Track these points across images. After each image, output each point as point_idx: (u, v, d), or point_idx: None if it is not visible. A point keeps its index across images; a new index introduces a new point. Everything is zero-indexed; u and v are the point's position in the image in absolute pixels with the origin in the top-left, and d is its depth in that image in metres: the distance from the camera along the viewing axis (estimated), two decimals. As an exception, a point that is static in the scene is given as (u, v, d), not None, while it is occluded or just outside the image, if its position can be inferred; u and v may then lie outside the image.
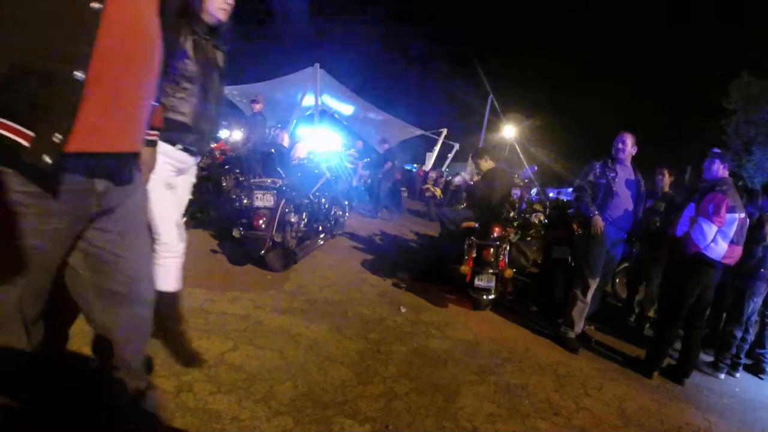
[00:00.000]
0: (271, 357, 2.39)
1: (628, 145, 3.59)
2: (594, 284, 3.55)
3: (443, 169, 18.50)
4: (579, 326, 3.61)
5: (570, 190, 5.45)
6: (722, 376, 3.68)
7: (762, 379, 3.76)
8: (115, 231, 1.18)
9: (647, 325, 4.35)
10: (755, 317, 3.86)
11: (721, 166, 3.29)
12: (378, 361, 2.63)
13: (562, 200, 8.62)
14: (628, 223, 3.59)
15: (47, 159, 0.91)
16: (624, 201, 3.55)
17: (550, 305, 4.22)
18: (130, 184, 1.20)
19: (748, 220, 3.34)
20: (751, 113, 18.69)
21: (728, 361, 3.73)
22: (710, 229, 3.09)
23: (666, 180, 4.56)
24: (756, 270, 3.57)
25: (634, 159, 3.70)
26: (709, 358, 3.89)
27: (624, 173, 3.60)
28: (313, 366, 2.40)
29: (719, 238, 3.13)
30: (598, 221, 3.44)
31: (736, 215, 3.17)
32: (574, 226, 4.77)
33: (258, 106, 6.57)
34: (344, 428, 1.95)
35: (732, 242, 3.17)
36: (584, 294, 3.54)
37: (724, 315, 4.04)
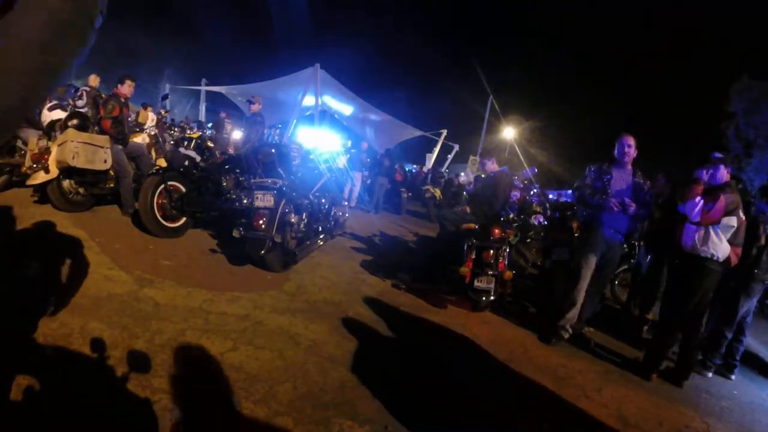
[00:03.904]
0: (270, 357, 2.39)
1: (632, 148, 3.59)
2: (584, 281, 3.57)
3: (443, 169, 18.53)
4: (570, 325, 3.63)
5: (570, 191, 5.47)
6: (710, 374, 3.69)
7: (731, 379, 3.76)
8: None
9: (645, 327, 4.36)
10: (750, 318, 3.86)
11: (725, 171, 3.32)
12: (377, 362, 2.63)
13: (562, 202, 8.63)
14: (624, 226, 3.59)
15: None
16: None
17: (550, 307, 4.23)
18: None
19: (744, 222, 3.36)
20: (751, 116, 18.71)
21: (717, 361, 3.74)
22: (717, 236, 3.14)
23: (665, 185, 4.56)
24: (750, 271, 3.58)
25: (637, 162, 3.70)
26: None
27: (620, 175, 3.59)
28: (313, 366, 2.40)
29: (725, 241, 3.17)
30: (612, 201, 3.45)
31: (736, 217, 3.20)
32: (574, 227, 4.79)
33: (255, 107, 6.54)
34: (343, 429, 1.95)
35: (734, 244, 3.21)
36: (578, 294, 3.57)
37: (708, 314, 4.03)
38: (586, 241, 3.62)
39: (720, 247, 3.17)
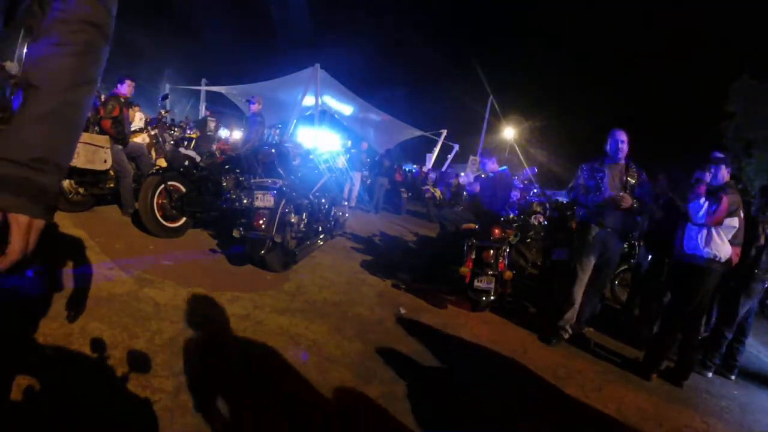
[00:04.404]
0: (271, 358, 2.39)
1: (626, 144, 3.54)
2: (581, 282, 3.56)
3: (444, 170, 18.53)
4: (570, 325, 3.62)
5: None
6: (710, 374, 3.68)
7: (731, 379, 3.76)
8: None
9: (646, 327, 4.36)
10: (752, 319, 3.86)
11: (726, 171, 3.32)
12: (377, 362, 2.63)
13: (562, 202, 8.63)
14: (620, 223, 3.55)
15: None
16: None
17: (550, 307, 4.23)
18: None
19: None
20: (751, 116, 18.69)
21: (717, 361, 3.74)
22: (719, 236, 3.14)
23: (665, 185, 4.55)
24: (750, 271, 3.58)
25: (636, 161, 3.67)
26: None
27: (614, 172, 3.55)
28: (313, 366, 2.40)
29: (727, 242, 3.18)
30: (605, 198, 3.45)
31: (738, 218, 3.20)
32: (573, 227, 4.79)
33: (255, 107, 6.53)
34: (343, 428, 1.95)
35: (734, 244, 3.22)
36: (575, 295, 3.56)
37: (714, 315, 4.03)
38: (581, 242, 3.60)
39: (722, 247, 3.18)
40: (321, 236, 4.87)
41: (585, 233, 3.57)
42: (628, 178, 3.52)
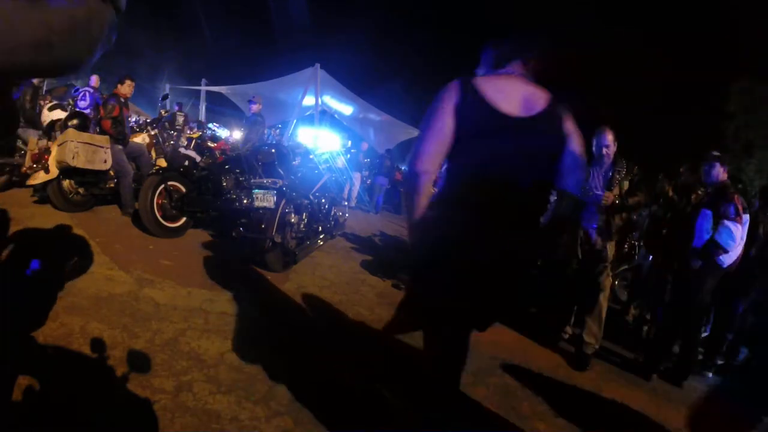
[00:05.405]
0: (271, 357, 2.39)
1: (611, 147, 3.43)
2: (575, 283, 3.55)
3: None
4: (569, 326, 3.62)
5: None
6: (710, 374, 3.69)
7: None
8: None
9: (646, 327, 4.36)
10: (751, 318, 3.86)
11: (721, 169, 3.30)
12: (377, 363, 2.63)
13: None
14: (603, 222, 3.48)
15: None
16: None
17: (550, 308, 4.22)
18: None
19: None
20: (751, 116, 18.70)
21: (717, 360, 3.74)
22: (737, 231, 3.12)
23: (666, 185, 4.54)
24: (750, 271, 3.58)
25: (634, 160, 3.64)
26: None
27: (598, 172, 3.50)
28: (313, 366, 2.40)
29: (739, 245, 3.18)
30: (587, 195, 3.34)
31: (747, 216, 3.21)
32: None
33: (256, 107, 6.54)
34: (343, 428, 1.95)
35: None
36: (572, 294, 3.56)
37: (712, 316, 4.04)
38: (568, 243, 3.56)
39: (738, 249, 3.17)
40: (321, 236, 4.87)
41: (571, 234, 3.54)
42: (615, 174, 3.45)
